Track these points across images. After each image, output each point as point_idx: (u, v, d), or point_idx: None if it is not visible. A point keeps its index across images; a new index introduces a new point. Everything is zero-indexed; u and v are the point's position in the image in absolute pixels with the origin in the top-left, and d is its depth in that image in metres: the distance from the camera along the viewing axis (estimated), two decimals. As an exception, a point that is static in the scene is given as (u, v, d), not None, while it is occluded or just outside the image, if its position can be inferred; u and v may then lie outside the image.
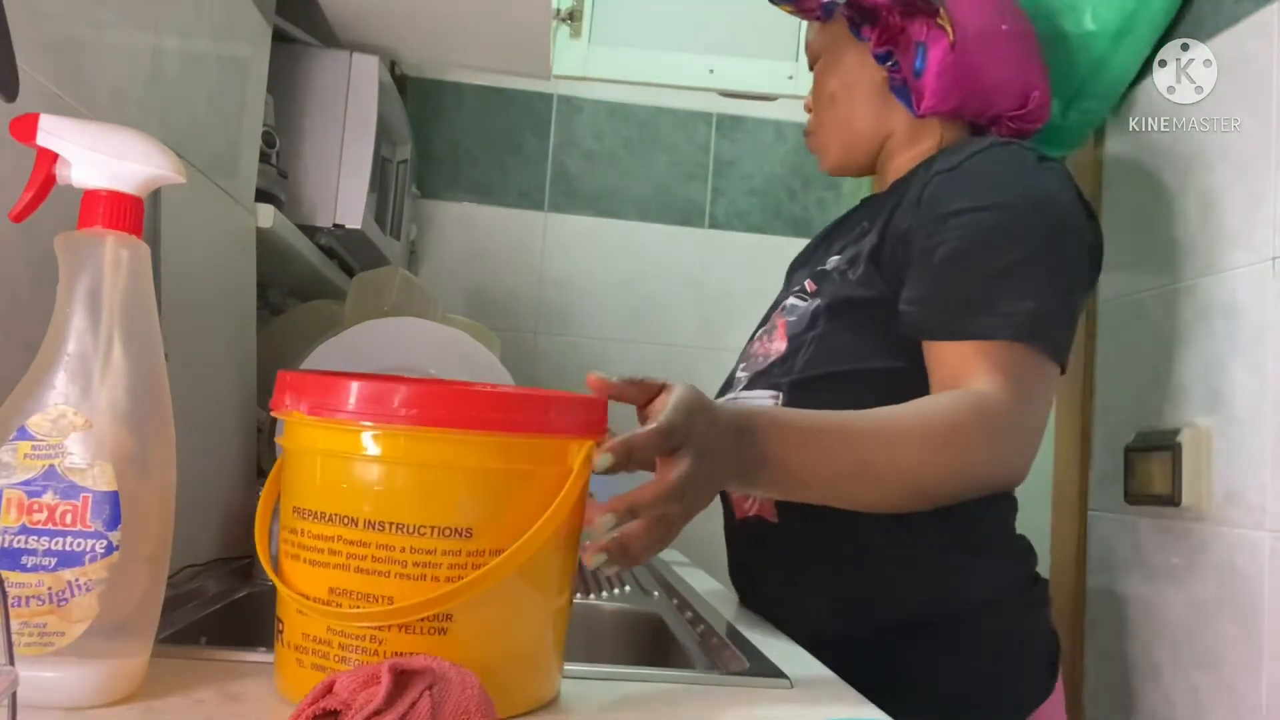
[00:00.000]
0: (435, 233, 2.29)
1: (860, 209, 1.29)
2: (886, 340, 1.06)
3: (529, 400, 0.69)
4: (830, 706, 0.77)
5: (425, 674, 0.57)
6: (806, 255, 1.36)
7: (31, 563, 0.60)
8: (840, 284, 1.12)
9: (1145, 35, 1.45)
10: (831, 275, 1.14)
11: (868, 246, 1.11)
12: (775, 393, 1.10)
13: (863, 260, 1.11)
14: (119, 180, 0.65)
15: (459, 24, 1.55)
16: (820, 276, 1.16)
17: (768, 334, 1.19)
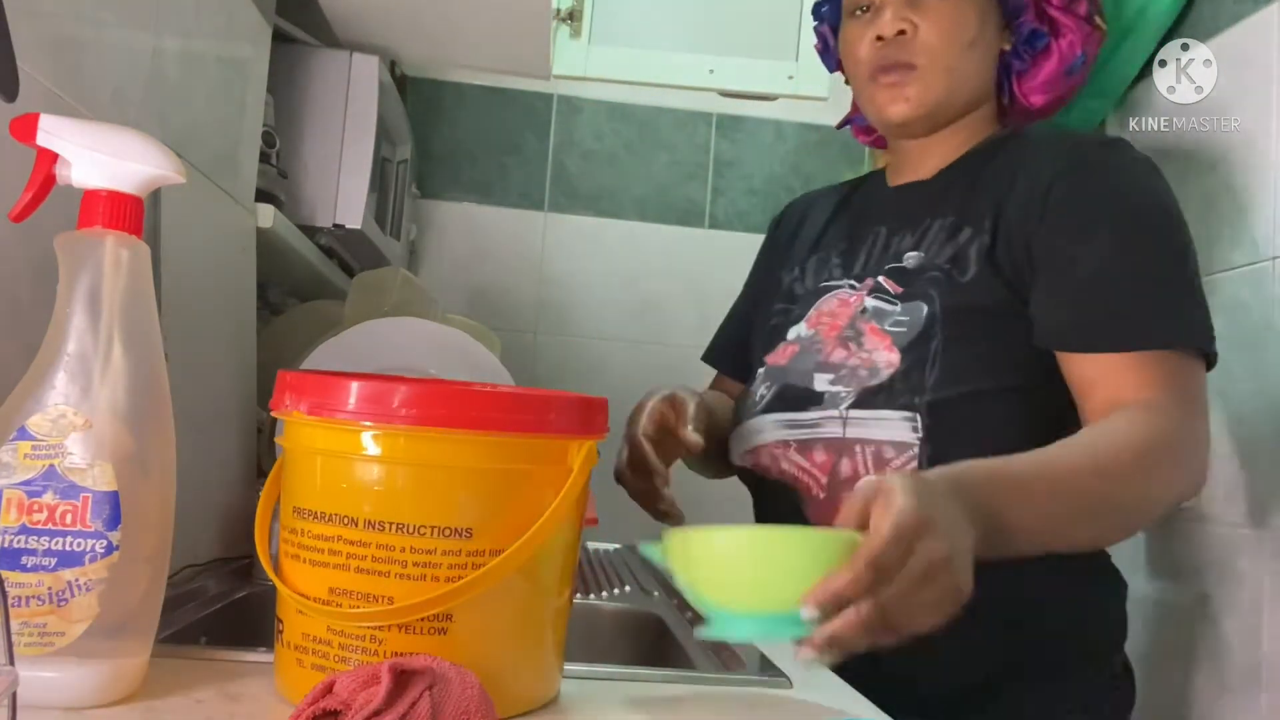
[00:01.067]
0: (435, 233, 2.29)
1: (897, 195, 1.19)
2: (1016, 351, 1.00)
3: (529, 400, 0.69)
4: (830, 706, 0.77)
5: (425, 674, 0.57)
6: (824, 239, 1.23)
7: (31, 563, 0.60)
8: (949, 288, 1.03)
9: (1149, 34, 1.45)
10: (929, 276, 1.05)
11: (976, 246, 1.04)
12: (910, 414, 1.00)
13: (973, 262, 1.03)
14: (119, 180, 0.65)
15: (459, 24, 1.55)
16: (903, 276, 1.07)
17: (853, 341, 1.07)
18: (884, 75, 1.12)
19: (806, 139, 2.36)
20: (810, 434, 1.05)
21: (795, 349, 1.13)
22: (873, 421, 1.01)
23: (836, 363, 1.07)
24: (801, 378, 1.09)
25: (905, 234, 1.11)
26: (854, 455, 1.02)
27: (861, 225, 1.19)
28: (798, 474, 1.06)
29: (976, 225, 1.04)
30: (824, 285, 1.16)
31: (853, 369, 1.05)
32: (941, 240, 1.07)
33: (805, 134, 2.35)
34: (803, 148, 2.37)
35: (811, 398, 1.06)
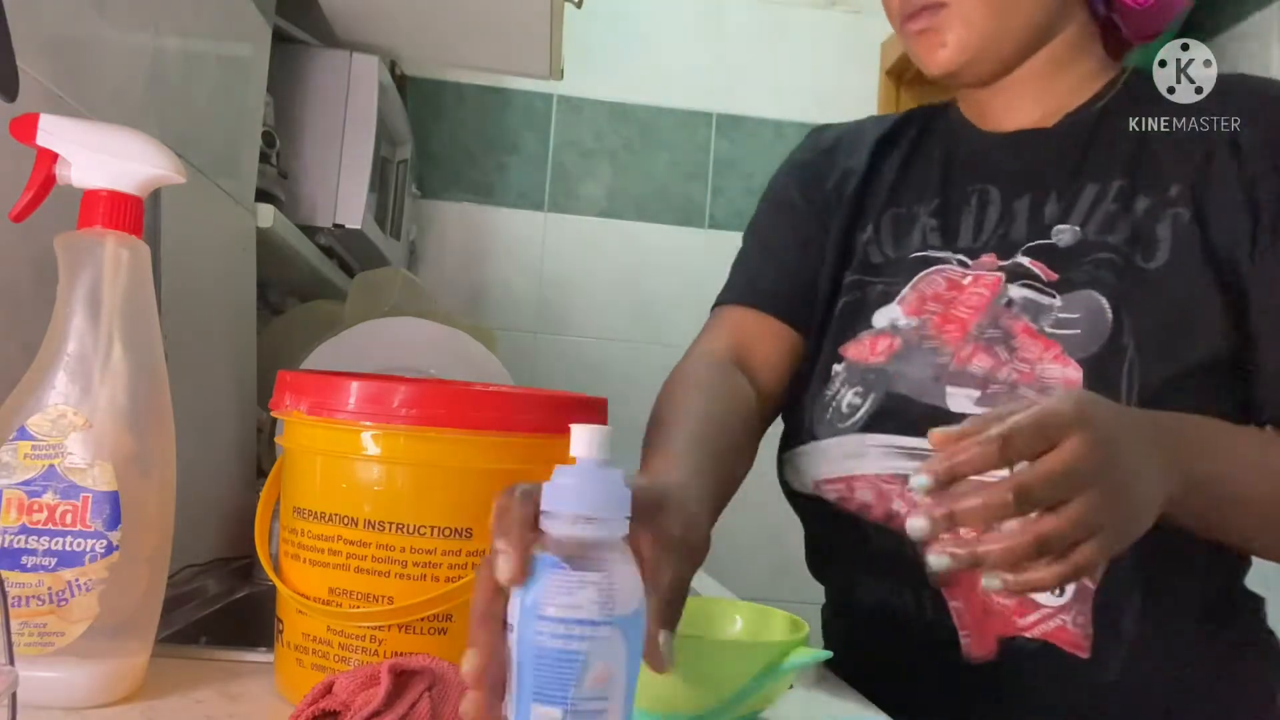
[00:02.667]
0: (435, 233, 2.29)
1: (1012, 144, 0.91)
2: (1234, 379, 0.78)
3: (528, 400, 0.69)
4: (831, 706, 0.77)
5: (425, 674, 0.57)
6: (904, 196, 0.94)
7: (31, 563, 0.60)
8: (1133, 277, 0.79)
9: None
10: (1098, 259, 0.81)
11: (1170, 221, 0.81)
12: None
13: (1164, 241, 0.80)
14: (119, 180, 0.65)
15: (459, 24, 1.55)
16: (1054, 256, 0.83)
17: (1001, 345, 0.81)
18: (913, 23, 0.88)
19: (806, 139, 2.36)
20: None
21: (895, 343, 0.85)
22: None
23: (979, 374, 0.81)
24: (920, 389, 0.82)
25: (1036, 198, 0.86)
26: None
27: (957, 178, 0.92)
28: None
29: (1160, 193, 0.81)
30: (917, 256, 0.89)
31: (1010, 385, 0.79)
32: (1110, 211, 0.83)
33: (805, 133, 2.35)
34: (803, 148, 2.37)
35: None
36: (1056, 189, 0.86)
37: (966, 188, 0.91)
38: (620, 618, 0.48)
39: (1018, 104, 0.91)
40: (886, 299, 0.89)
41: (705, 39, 2.38)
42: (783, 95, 2.39)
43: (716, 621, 0.77)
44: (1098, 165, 0.85)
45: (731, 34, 2.39)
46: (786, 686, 0.71)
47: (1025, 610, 0.78)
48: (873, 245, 0.93)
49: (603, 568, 0.48)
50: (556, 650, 0.47)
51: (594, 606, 0.48)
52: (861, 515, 0.84)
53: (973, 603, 0.80)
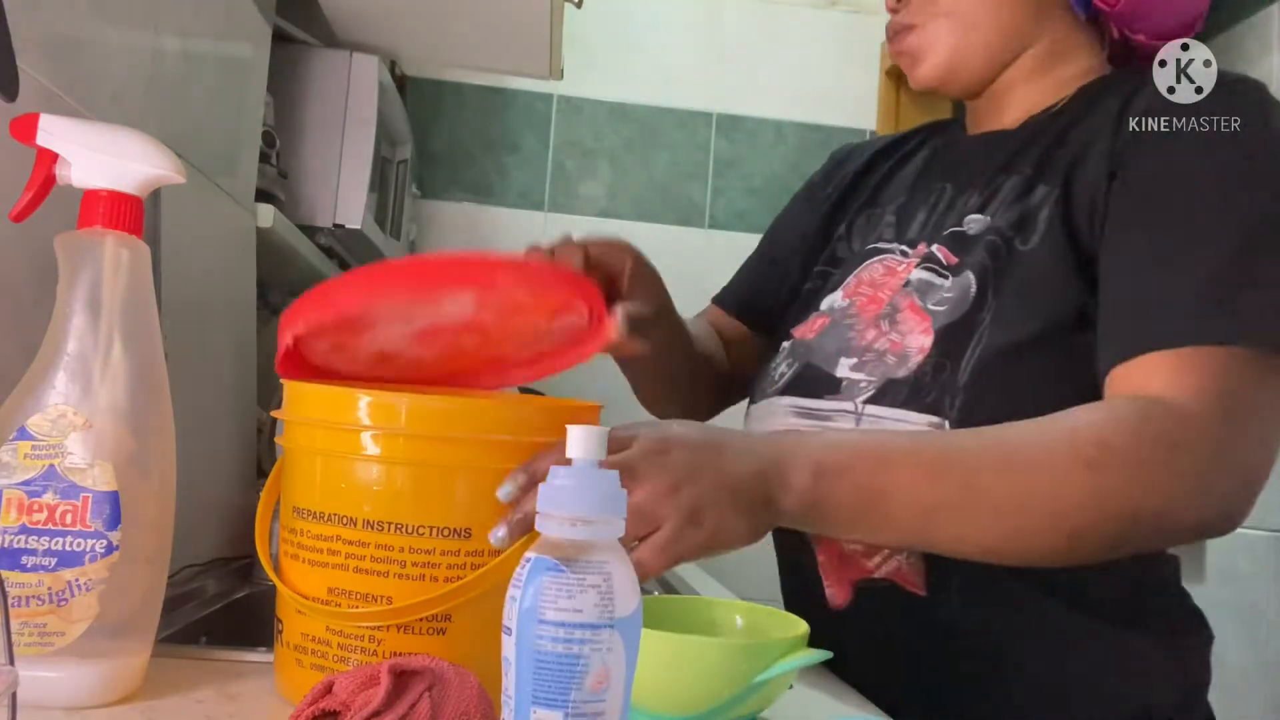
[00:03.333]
0: (435, 233, 2.29)
1: (970, 145, 0.97)
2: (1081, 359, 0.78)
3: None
4: (830, 706, 0.77)
5: (425, 674, 0.57)
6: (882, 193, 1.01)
7: (31, 563, 0.60)
8: (1007, 257, 0.83)
9: None
10: (986, 242, 0.85)
11: (1045, 210, 0.83)
12: (938, 420, 0.80)
13: (1038, 226, 0.83)
14: (119, 180, 0.65)
15: (459, 24, 1.55)
16: (960, 242, 0.87)
17: (887, 320, 0.87)
18: (893, 44, 0.95)
19: (807, 139, 2.36)
20: (819, 428, 0.86)
21: (826, 321, 0.93)
22: (890, 423, 0.82)
23: (864, 345, 0.87)
24: (826, 359, 0.89)
25: (974, 192, 0.90)
26: None
27: (926, 179, 0.98)
28: None
29: (1052, 182, 0.84)
30: (871, 248, 0.95)
31: (879, 354, 0.86)
32: (1010, 200, 0.87)
33: (805, 134, 2.35)
34: (803, 148, 2.37)
35: (830, 384, 0.87)
36: (985, 183, 0.90)
37: (931, 185, 0.96)
38: (619, 620, 0.48)
39: (1002, 109, 0.94)
40: (836, 286, 0.96)
41: (705, 39, 2.38)
42: (783, 95, 2.39)
43: (716, 621, 0.77)
44: (1021, 161, 0.89)
45: (731, 34, 2.39)
46: (786, 686, 0.71)
47: (872, 553, 0.84)
48: (842, 241, 1.01)
49: (601, 570, 0.48)
50: (556, 654, 0.47)
51: (593, 610, 0.48)
52: None
53: (831, 552, 0.87)
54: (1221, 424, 0.71)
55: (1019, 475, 0.70)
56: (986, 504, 0.70)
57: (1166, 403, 0.71)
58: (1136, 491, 0.70)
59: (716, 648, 0.70)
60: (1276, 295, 0.74)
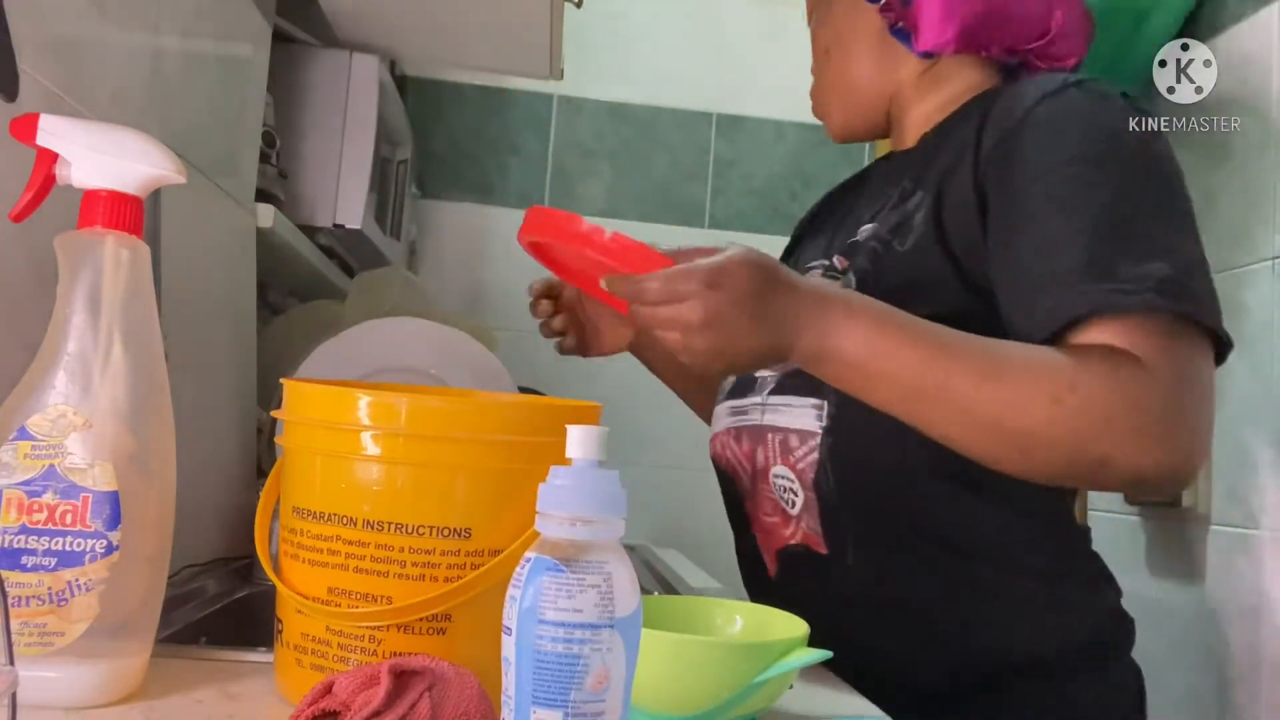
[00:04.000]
0: (435, 233, 2.29)
1: (881, 168, 1.11)
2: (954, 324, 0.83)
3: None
4: (831, 706, 0.77)
5: (425, 674, 0.57)
6: (818, 222, 1.17)
7: (31, 563, 0.60)
8: (883, 259, 0.93)
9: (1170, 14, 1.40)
10: (868, 247, 0.95)
11: (920, 213, 0.92)
12: (818, 401, 0.91)
13: (914, 229, 0.92)
14: (119, 180, 0.65)
15: (459, 24, 1.55)
16: (852, 249, 0.98)
17: None
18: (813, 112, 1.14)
19: (806, 139, 2.36)
20: (741, 422, 1.00)
21: None
22: (784, 408, 0.95)
23: None
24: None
25: (868, 205, 1.03)
26: (766, 444, 0.96)
27: (847, 202, 1.13)
28: (734, 463, 1.01)
29: (928, 189, 0.93)
30: (806, 268, 1.07)
31: None
32: (891, 208, 0.97)
33: (805, 134, 2.35)
34: (803, 148, 2.37)
35: (750, 384, 1.01)
36: (879, 196, 1.03)
37: (847, 205, 1.11)
38: (619, 620, 0.48)
39: (904, 134, 1.06)
40: None
41: (705, 39, 2.38)
42: (783, 95, 2.38)
43: (716, 621, 0.77)
44: (905, 173, 1.00)
45: (731, 34, 2.39)
46: (786, 686, 0.71)
47: (785, 523, 0.96)
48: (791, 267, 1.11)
49: (601, 570, 0.48)
50: (556, 654, 0.47)
51: (594, 610, 0.48)
52: (718, 465, 1.06)
53: (761, 527, 0.99)
54: (1175, 382, 0.76)
55: (993, 390, 0.76)
56: (959, 404, 0.77)
57: (1135, 360, 0.76)
58: (1093, 436, 0.75)
59: (716, 648, 0.70)
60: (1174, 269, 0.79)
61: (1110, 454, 0.75)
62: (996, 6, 0.99)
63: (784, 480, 0.94)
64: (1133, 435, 0.75)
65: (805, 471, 0.92)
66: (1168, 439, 0.76)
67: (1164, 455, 0.76)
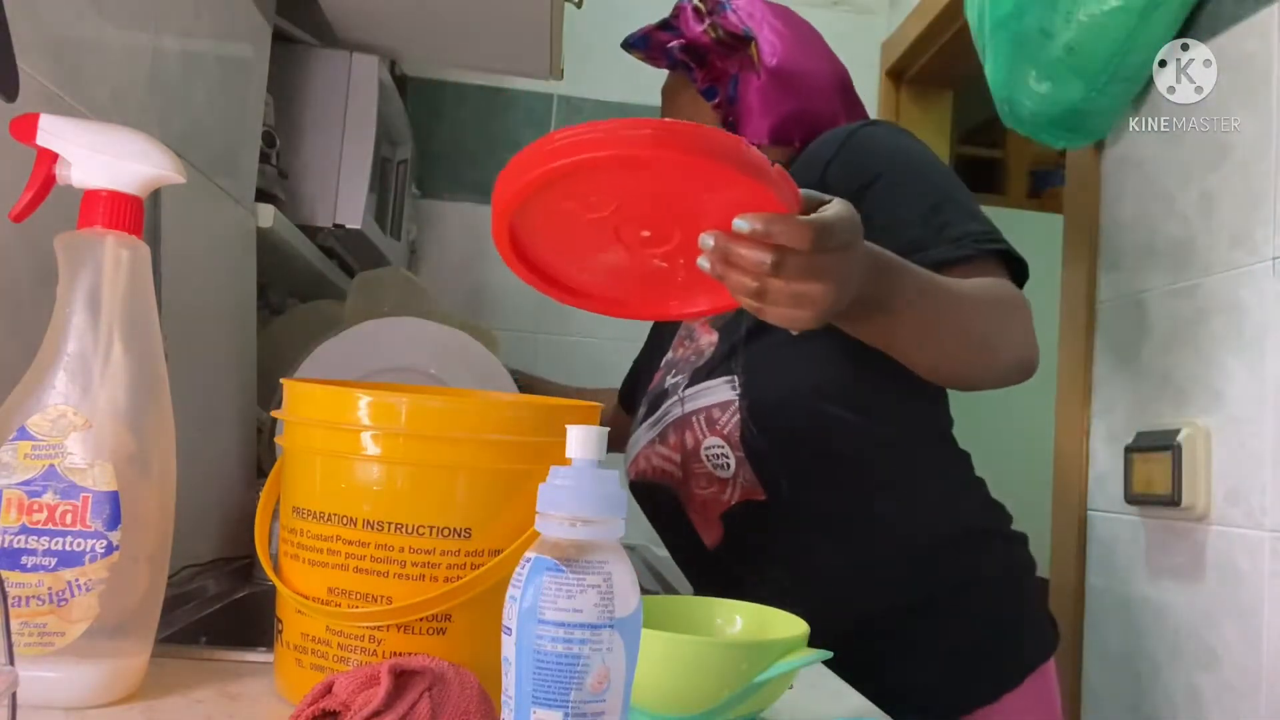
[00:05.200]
0: (435, 233, 2.29)
1: None
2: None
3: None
4: (830, 706, 0.77)
5: (425, 674, 0.57)
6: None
7: (31, 563, 0.60)
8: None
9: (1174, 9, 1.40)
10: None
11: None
12: (729, 377, 1.09)
13: None
14: (119, 180, 0.65)
15: (459, 24, 1.55)
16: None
17: (687, 339, 1.19)
18: None
19: (806, 139, 2.35)
20: (663, 424, 1.14)
21: (662, 371, 1.23)
22: (702, 392, 1.10)
23: (677, 359, 1.20)
24: (659, 385, 1.21)
25: None
26: (692, 426, 1.10)
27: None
28: (663, 464, 1.14)
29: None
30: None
31: (686, 359, 1.18)
32: None
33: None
34: (803, 148, 2.36)
35: (663, 396, 1.17)
36: None
37: None
38: (619, 620, 0.48)
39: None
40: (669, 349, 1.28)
41: (705, 39, 2.38)
42: (783, 95, 2.39)
43: (716, 621, 0.77)
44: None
45: (732, 34, 2.39)
46: (786, 686, 0.71)
47: (722, 489, 1.09)
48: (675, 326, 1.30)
49: (601, 570, 0.48)
50: (557, 654, 0.47)
51: (594, 610, 0.48)
52: (644, 480, 1.17)
53: (695, 504, 1.11)
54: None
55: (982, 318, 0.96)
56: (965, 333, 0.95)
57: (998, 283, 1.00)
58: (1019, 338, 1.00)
59: (716, 648, 0.70)
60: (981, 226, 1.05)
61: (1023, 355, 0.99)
62: (800, 110, 1.22)
63: (715, 449, 1.09)
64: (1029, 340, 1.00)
65: (733, 433, 1.07)
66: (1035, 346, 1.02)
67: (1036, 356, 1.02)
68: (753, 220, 0.72)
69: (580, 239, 0.79)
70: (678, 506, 1.14)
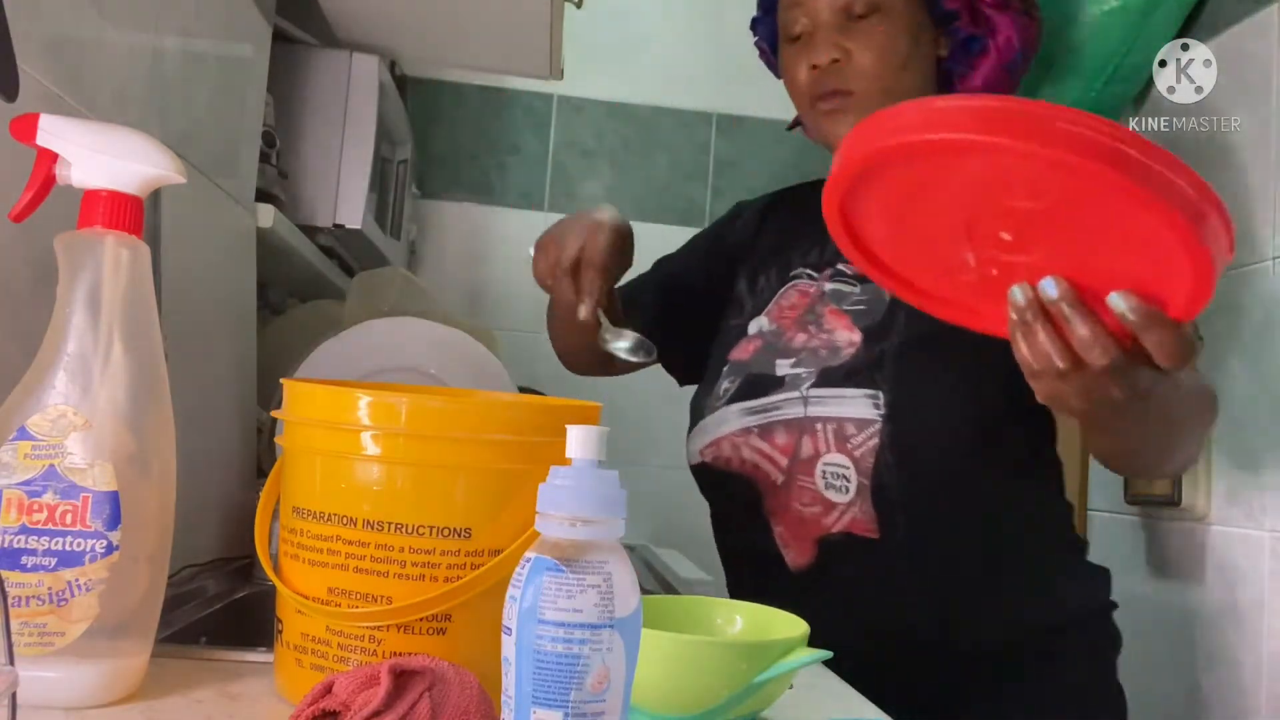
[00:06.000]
0: (435, 233, 2.29)
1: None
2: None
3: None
4: (830, 706, 0.77)
5: (425, 674, 0.57)
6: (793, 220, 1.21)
7: (31, 563, 0.60)
8: None
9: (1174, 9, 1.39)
10: None
11: None
12: (872, 391, 1.00)
13: None
14: (119, 180, 0.65)
15: (459, 24, 1.55)
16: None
17: (813, 324, 1.08)
18: (823, 103, 1.14)
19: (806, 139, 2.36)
20: (771, 417, 1.04)
21: (759, 343, 1.12)
22: (833, 399, 1.02)
23: (797, 347, 1.08)
24: (764, 366, 1.09)
25: None
26: (815, 433, 1.02)
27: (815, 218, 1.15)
28: (758, 460, 1.05)
29: None
30: (786, 279, 1.16)
31: (813, 350, 1.06)
32: None
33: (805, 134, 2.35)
34: (803, 148, 2.36)
35: (773, 383, 1.06)
36: None
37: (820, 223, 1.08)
38: (619, 620, 0.48)
39: None
40: (759, 312, 1.16)
41: (705, 39, 2.38)
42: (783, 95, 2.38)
43: (716, 621, 0.77)
44: None
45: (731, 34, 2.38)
46: (786, 686, 0.71)
47: (828, 511, 1.01)
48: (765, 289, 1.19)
49: (601, 570, 0.48)
50: (557, 654, 0.47)
51: (594, 610, 0.48)
52: (726, 469, 1.07)
53: (790, 519, 1.03)
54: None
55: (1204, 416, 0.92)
56: (1195, 429, 0.91)
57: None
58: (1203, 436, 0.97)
59: (716, 648, 0.70)
60: None
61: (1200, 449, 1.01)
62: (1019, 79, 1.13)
63: (837, 468, 1.00)
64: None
65: (865, 457, 0.98)
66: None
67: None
68: (1134, 312, 0.63)
69: (923, 222, 0.69)
70: (758, 510, 1.05)
